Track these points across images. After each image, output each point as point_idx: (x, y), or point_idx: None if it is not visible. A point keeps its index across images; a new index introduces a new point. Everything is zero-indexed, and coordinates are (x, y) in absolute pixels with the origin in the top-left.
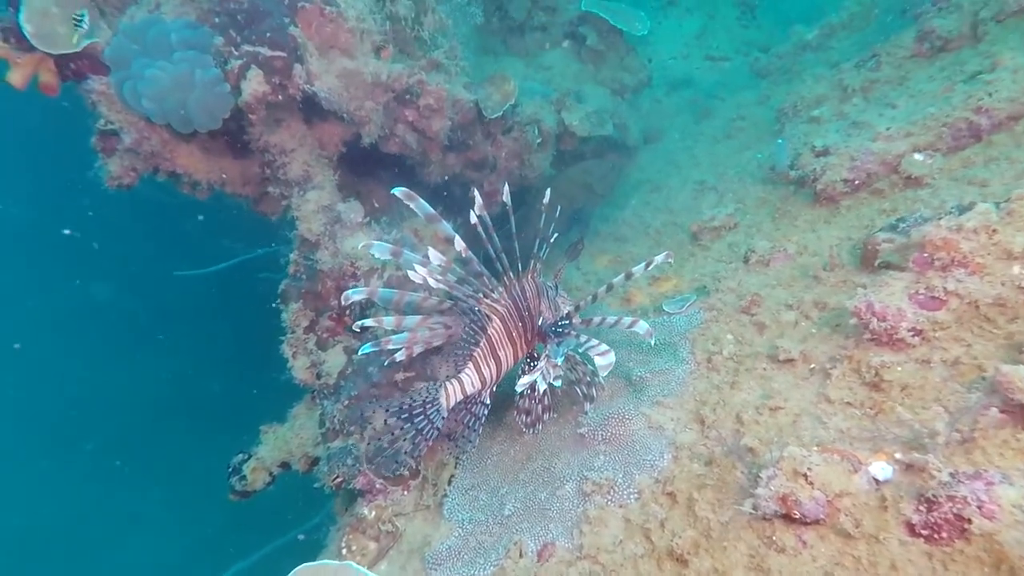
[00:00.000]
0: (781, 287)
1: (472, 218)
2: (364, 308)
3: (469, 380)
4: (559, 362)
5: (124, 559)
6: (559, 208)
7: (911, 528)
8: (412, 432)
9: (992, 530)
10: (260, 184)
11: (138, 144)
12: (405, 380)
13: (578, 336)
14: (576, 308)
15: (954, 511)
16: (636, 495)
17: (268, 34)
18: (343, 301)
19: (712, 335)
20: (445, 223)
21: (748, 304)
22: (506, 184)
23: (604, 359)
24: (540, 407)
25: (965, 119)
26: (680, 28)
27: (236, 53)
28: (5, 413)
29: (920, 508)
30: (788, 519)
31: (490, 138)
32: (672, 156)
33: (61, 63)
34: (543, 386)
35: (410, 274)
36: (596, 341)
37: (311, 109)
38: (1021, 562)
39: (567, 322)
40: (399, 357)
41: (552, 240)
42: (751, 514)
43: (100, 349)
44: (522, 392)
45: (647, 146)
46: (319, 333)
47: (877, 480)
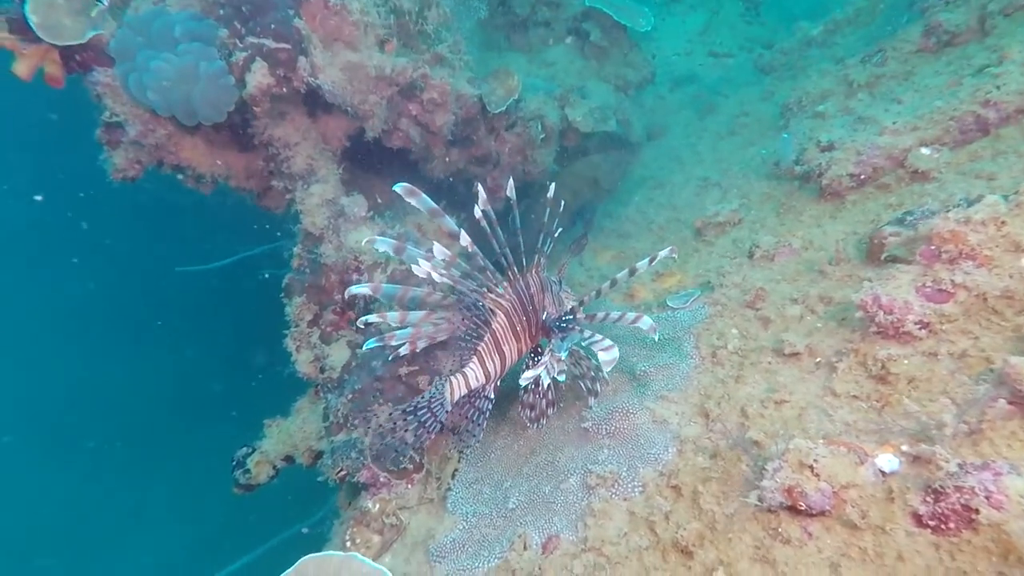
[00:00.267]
0: (786, 282)
1: (476, 213)
2: (368, 303)
3: (473, 374)
4: (563, 357)
5: (128, 555)
6: (563, 203)
7: (918, 519)
8: (415, 424)
9: (1000, 520)
10: (264, 178)
11: (143, 136)
12: (409, 374)
13: (582, 331)
14: (580, 303)
15: (962, 502)
16: (640, 488)
17: (273, 26)
18: (346, 295)
19: (717, 330)
20: (448, 218)
21: (753, 299)
22: (511, 179)
23: (608, 354)
24: (544, 402)
25: (972, 113)
26: (683, 24)
27: (241, 45)
28: (8, 411)
29: (927, 499)
30: (794, 511)
31: (493, 133)
32: (675, 152)
33: (66, 55)
34: (547, 380)
35: (414, 268)
36: (600, 336)
37: (315, 103)
38: None
39: (571, 317)
40: (403, 352)
41: (556, 235)
42: (756, 506)
43: (102, 345)
44: (526, 386)
45: (650, 143)
46: (323, 327)
47: (883, 472)
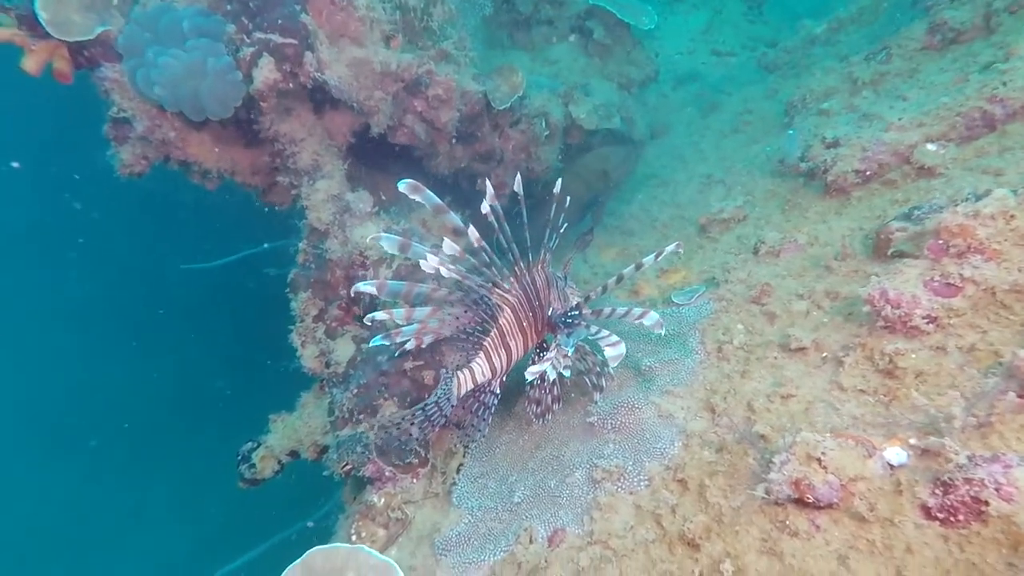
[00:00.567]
0: (792, 277)
1: (484, 208)
2: (374, 299)
3: (480, 369)
4: (570, 352)
5: (130, 553)
6: (568, 199)
7: (927, 511)
8: (421, 418)
9: (1010, 512)
10: (269, 174)
11: (150, 132)
12: (414, 369)
13: (588, 327)
14: (586, 299)
15: (971, 494)
16: (646, 482)
17: (280, 21)
18: (352, 293)
19: (722, 325)
20: (453, 214)
21: (758, 294)
22: (518, 175)
23: (614, 350)
24: (550, 397)
25: (979, 108)
26: (686, 23)
27: (248, 40)
28: (9, 411)
29: (936, 491)
30: (801, 503)
31: (497, 130)
32: (678, 151)
33: (75, 50)
34: (553, 376)
35: (422, 264)
36: (607, 332)
37: (320, 98)
38: None
39: (577, 312)
40: (409, 347)
41: (562, 230)
42: (763, 499)
43: (103, 344)
44: (532, 381)
45: (653, 141)
46: (328, 322)
47: (891, 465)
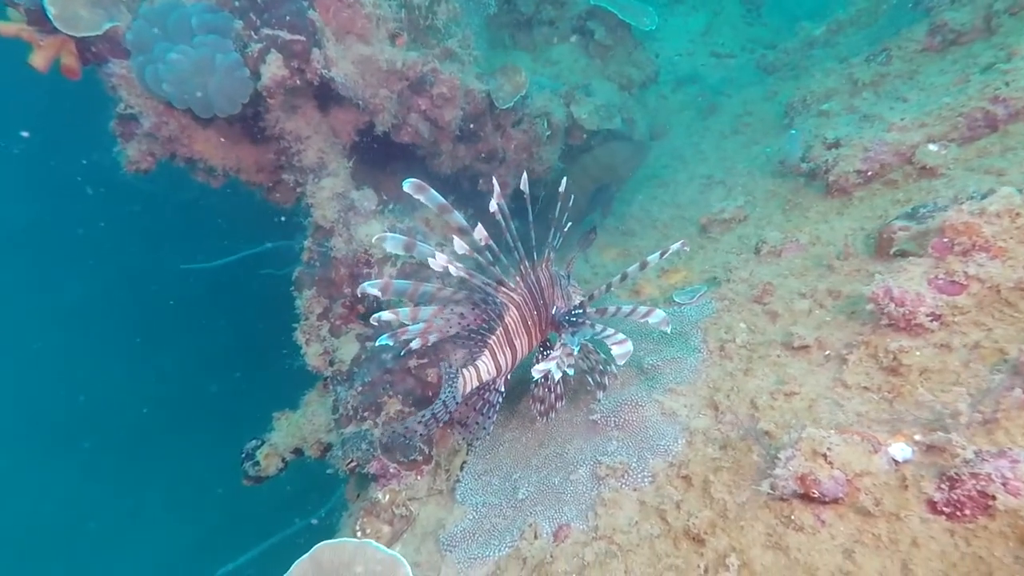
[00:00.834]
0: (794, 276)
1: (492, 207)
2: (379, 299)
3: (485, 367)
4: (575, 351)
5: (133, 551)
6: (572, 197)
7: (933, 506)
8: (428, 416)
9: (1017, 506)
10: (274, 171)
11: (157, 129)
12: (418, 367)
13: (593, 325)
14: (590, 297)
15: (978, 488)
16: (650, 478)
17: (287, 18)
18: (359, 294)
19: (724, 324)
20: (457, 213)
21: (760, 293)
22: (524, 175)
23: (621, 348)
24: (553, 395)
25: (981, 109)
26: (685, 25)
27: (256, 37)
28: (9, 411)
29: (942, 486)
30: (806, 498)
31: (500, 130)
32: (678, 152)
33: (83, 46)
34: (557, 375)
35: (431, 262)
36: (612, 330)
37: (326, 96)
38: None
39: (580, 311)
40: (415, 346)
41: (566, 229)
42: (769, 494)
43: (103, 344)
44: (536, 380)
45: (653, 142)
46: (332, 320)
47: (896, 461)
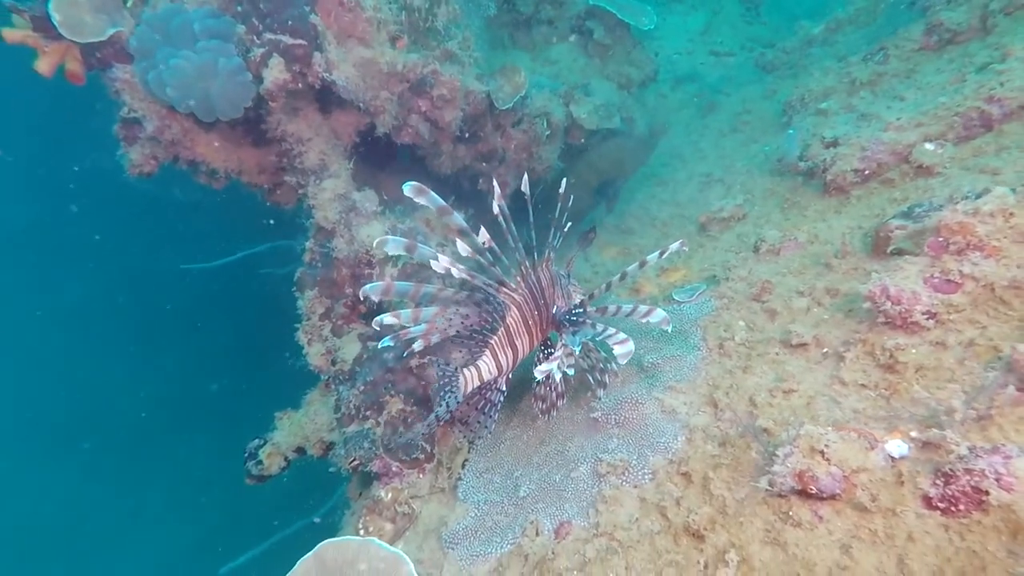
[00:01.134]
0: (792, 275)
1: (494, 209)
2: (380, 301)
3: (486, 367)
4: (577, 351)
5: (135, 551)
6: (572, 197)
7: (928, 501)
8: (431, 418)
9: (1010, 501)
10: (275, 173)
11: (160, 132)
12: (419, 366)
13: (594, 325)
14: (590, 296)
15: (972, 484)
16: (650, 475)
17: (289, 22)
18: (361, 296)
19: (723, 322)
20: (457, 215)
21: (759, 292)
22: (525, 175)
23: (623, 347)
24: (555, 393)
25: (977, 108)
26: (684, 24)
27: (258, 41)
28: (10, 411)
29: (937, 482)
30: (804, 495)
31: (500, 130)
32: (678, 150)
33: (87, 52)
34: (558, 376)
35: (433, 264)
36: (613, 330)
37: (327, 99)
38: None
39: (581, 310)
40: (417, 347)
41: (565, 229)
42: (767, 491)
43: (103, 344)
44: (539, 380)
45: (652, 141)
46: (334, 320)
47: (893, 457)
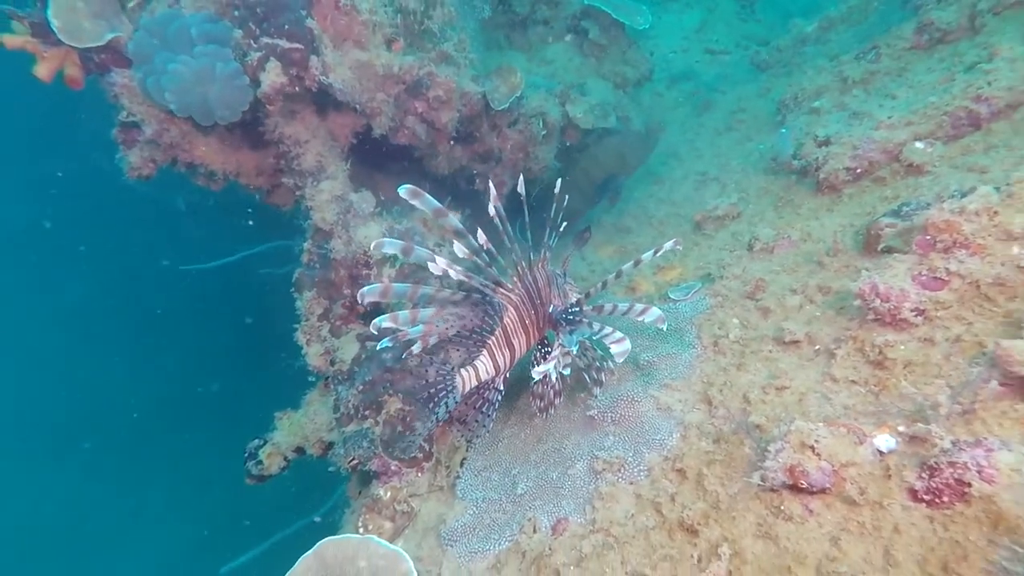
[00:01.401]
0: (785, 273)
1: (491, 211)
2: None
3: (484, 367)
4: (574, 351)
5: (137, 551)
6: (567, 197)
7: (914, 494)
8: (432, 417)
9: (991, 493)
10: (273, 175)
11: (158, 136)
12: (418, 366)
13: (591, 324)
14: (586, 295)
15: (955, 476)
16: (646, 472)
17: (286, 27)
18: (360, 300)
19: (718, 320)
20: (453, 217)
21: (753, 290)
22: (521, 176)
23: (620, 346)
24: (552, 392)
25: (965, 108)
26: (680, 22)
27: (255, 46)
28: (11, 412)
29: (922, 475)
30: (795, 489)
31: (496, 130)
32: (674, 148)
33: (86, 57)
34: (554, 376)
35: (431, 266)
36: (610, 329)
37: (324, 101)
38: (1018, 521)
39: (577, 309)
40: (415, 349)
41: (560, 229)
42: (759, 485)
43: (103, 345)
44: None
45: (654, 136)
46: (333, 321)
47: (881, 451)
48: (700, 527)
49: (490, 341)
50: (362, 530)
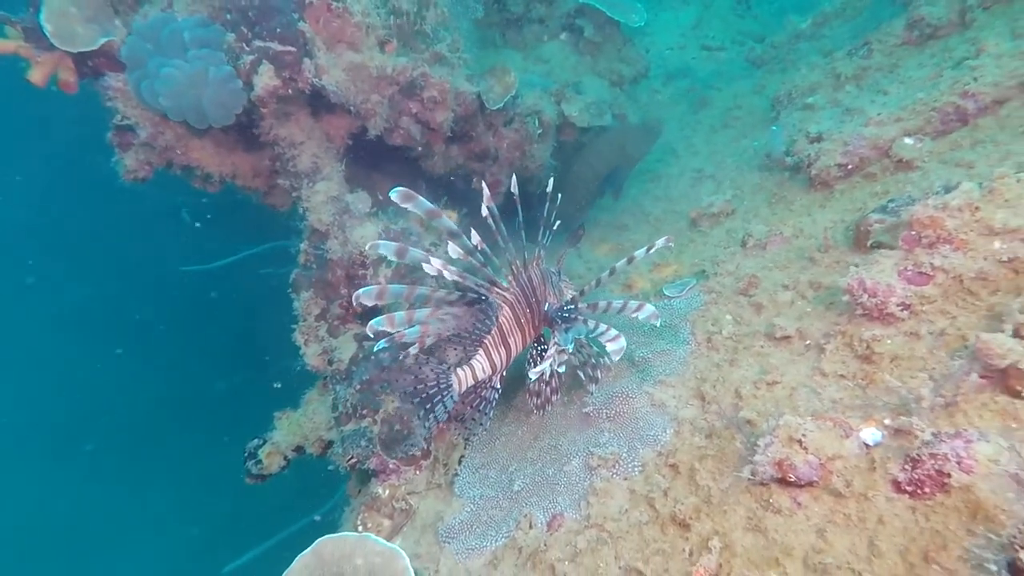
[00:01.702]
0: (778, 269)
1: (484, 211)
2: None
3: (480, 366)
4: (570, 349)
5: (139, 551)
6: (559, 197)
7: (897, 485)
8: (429, 417)
9: (969, 483)
10: (269, 177)
11: (153, 139)
12: (415, 365)
13: (586, 322)
14: (581, 293)
15: (936, 467)
16: (640, 468)
17: (278, 30)
18: (355, 302)
19: (712, 316)
20: (446, 218)
21: (746, 286)
22: (514, 176)
23: (615, 344)
24: (548, 389)
25: (953, 104)
26: (676, 19)
27: (248, 49)
28: (10, 413)
29: (905, 467)
30: (784, 483)
31: (491, 129)
32: (670, 145)
33: (79, 61)
34: (549, 373)
35: (425, 267)
36: (605, 326)
37: (318, 102)
38: (995, 510)
39: (572, 307)
40: (412, 351)
41: (554, 228)
42: (749, 480)
43: (105, 345)
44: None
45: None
46: (330, 321)
47: (867, 444)
48: (692, 521)
49: (486, 340)
50: (361, 528)
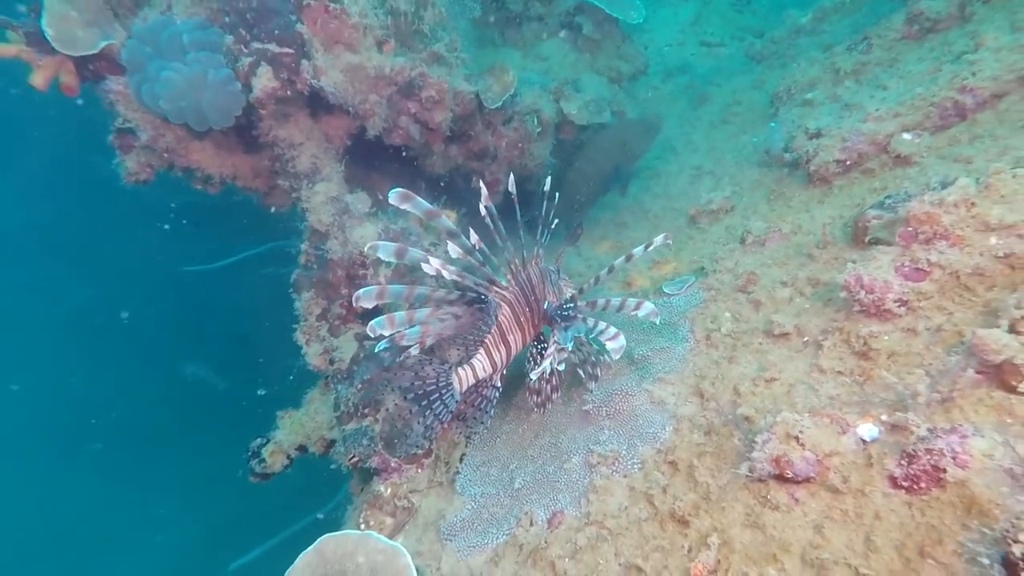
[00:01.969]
0: (776, 266)
1: (482, 210)
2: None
3: (481, 365)
4: (569, 348)
5: (145, 548)
6: (558, 195)
7: (893, 481)
8: (431, 417)
9: (964, 478)
10: (269, 177)
11: (154, 141)
12: (415, 366)
13: (586, 320)
14: (580, 291)
15: (931, 462)
16: (639, 465)
17: (276, 31)
18: (355, 302)
19: (711, 314)
20: (445, 218)
21: (745, 283)
22: (511, 175)
23: (615, 342)
24: (549, 387)
25: (951, 99)
26: (675, 15)
27: (246, 51)
28: (12, 413)
29: (902, 462)
30: (781, 479)
31: (490, 128)
32: (670, 142)
33: (80, 65)
34: (549, 370)
35: (424, 267)
36: (605, 325)
37: (317, 103)
38: (989, 504)
39: (572, 305)
40: (413, 352)
41: (553, 226)
42: (747, 476)
43: (105, 346)
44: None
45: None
46: (331, 320)
47: (864, 440)
48: (691, 518)
49: (486, 339)
50: (363, 526)
